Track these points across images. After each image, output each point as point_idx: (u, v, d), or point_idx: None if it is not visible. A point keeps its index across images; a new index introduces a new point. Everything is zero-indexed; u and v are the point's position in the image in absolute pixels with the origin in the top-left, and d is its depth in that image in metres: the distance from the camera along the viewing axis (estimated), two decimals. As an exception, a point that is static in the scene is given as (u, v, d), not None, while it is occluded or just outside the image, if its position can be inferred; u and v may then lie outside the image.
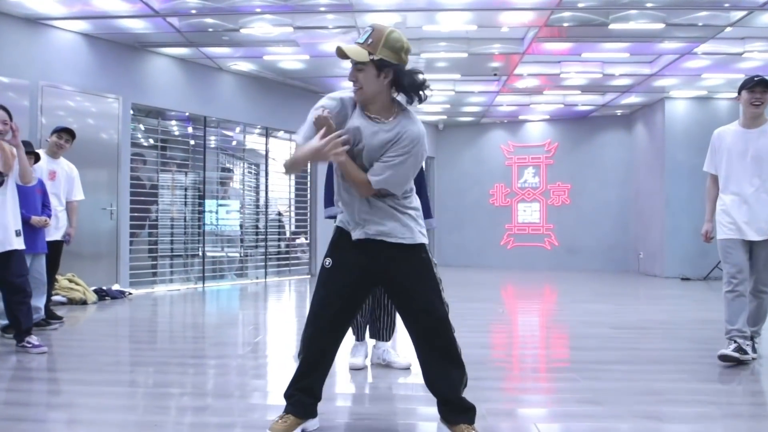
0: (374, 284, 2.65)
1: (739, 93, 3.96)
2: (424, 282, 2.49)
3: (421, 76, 2.37)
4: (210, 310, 7.03)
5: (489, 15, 6.76)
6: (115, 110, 7.48)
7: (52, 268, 5.33)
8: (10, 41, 6.54)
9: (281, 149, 10.50)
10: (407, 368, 3.71)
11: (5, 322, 4.63)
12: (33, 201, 4.88)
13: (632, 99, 10.65)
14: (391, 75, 2.34)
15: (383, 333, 3.82)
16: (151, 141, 8.56)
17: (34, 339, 4.18)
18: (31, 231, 4.79)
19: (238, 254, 9.83)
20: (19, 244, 4.19)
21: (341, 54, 2.34)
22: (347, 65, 2.41)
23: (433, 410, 2.56)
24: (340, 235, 2.55)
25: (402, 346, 4.20)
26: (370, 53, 2.31)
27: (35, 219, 4.83)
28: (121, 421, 2.80)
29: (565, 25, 6.88)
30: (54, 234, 5.28)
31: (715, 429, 2.69)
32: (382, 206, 2.45)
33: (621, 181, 12.03)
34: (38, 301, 5.00)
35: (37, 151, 5.08)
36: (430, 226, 4.42)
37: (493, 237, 12.87)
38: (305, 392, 2.53)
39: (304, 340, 2.56)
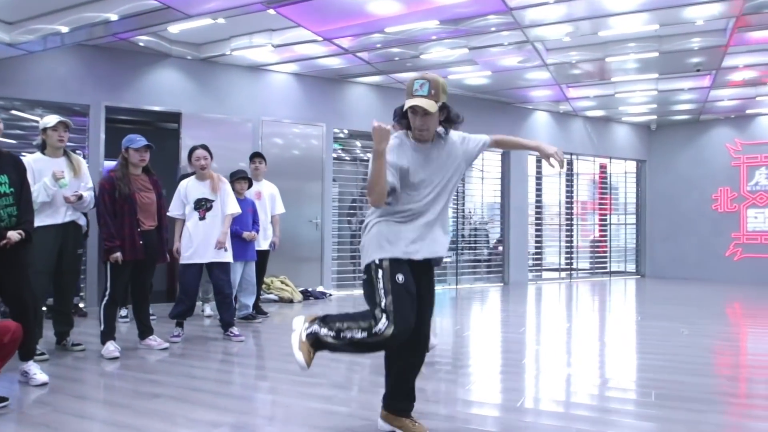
0: None
1: None
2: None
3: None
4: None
5: (671, 12, 6.29)
6: (320, 136, 8.65)
7: (261, 272, 6.48)
8: (237, 86, 8.06)
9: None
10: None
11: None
12: (245, 219, 6.01)
13: None
14: (445, 113, 2.72)
15: None
16: (349, 158, 9.62)
17: (235, 330, 5.24)
18: (243, 243, 5.94)
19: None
20: (219, 257, 5.09)
21: (422, 111, 2.63)
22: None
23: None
24: None
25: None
26: (436, 102, 2.63)
27: (246, 234, 5.96)
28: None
29: (767, 11, 6.06)
30: (263, 244, 6.43)
31: None
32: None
33: None
34: (248, 300, 6.16)
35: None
36: None
37: (716, 247, 11.51)
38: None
39: None
